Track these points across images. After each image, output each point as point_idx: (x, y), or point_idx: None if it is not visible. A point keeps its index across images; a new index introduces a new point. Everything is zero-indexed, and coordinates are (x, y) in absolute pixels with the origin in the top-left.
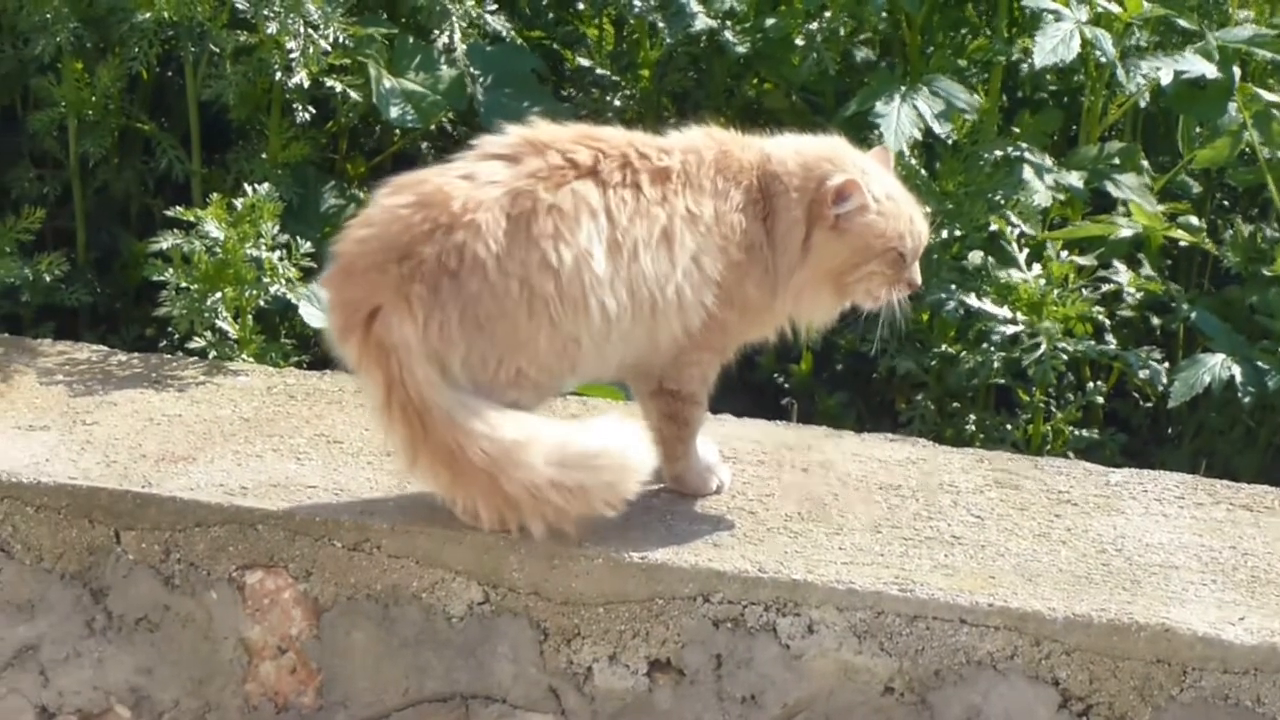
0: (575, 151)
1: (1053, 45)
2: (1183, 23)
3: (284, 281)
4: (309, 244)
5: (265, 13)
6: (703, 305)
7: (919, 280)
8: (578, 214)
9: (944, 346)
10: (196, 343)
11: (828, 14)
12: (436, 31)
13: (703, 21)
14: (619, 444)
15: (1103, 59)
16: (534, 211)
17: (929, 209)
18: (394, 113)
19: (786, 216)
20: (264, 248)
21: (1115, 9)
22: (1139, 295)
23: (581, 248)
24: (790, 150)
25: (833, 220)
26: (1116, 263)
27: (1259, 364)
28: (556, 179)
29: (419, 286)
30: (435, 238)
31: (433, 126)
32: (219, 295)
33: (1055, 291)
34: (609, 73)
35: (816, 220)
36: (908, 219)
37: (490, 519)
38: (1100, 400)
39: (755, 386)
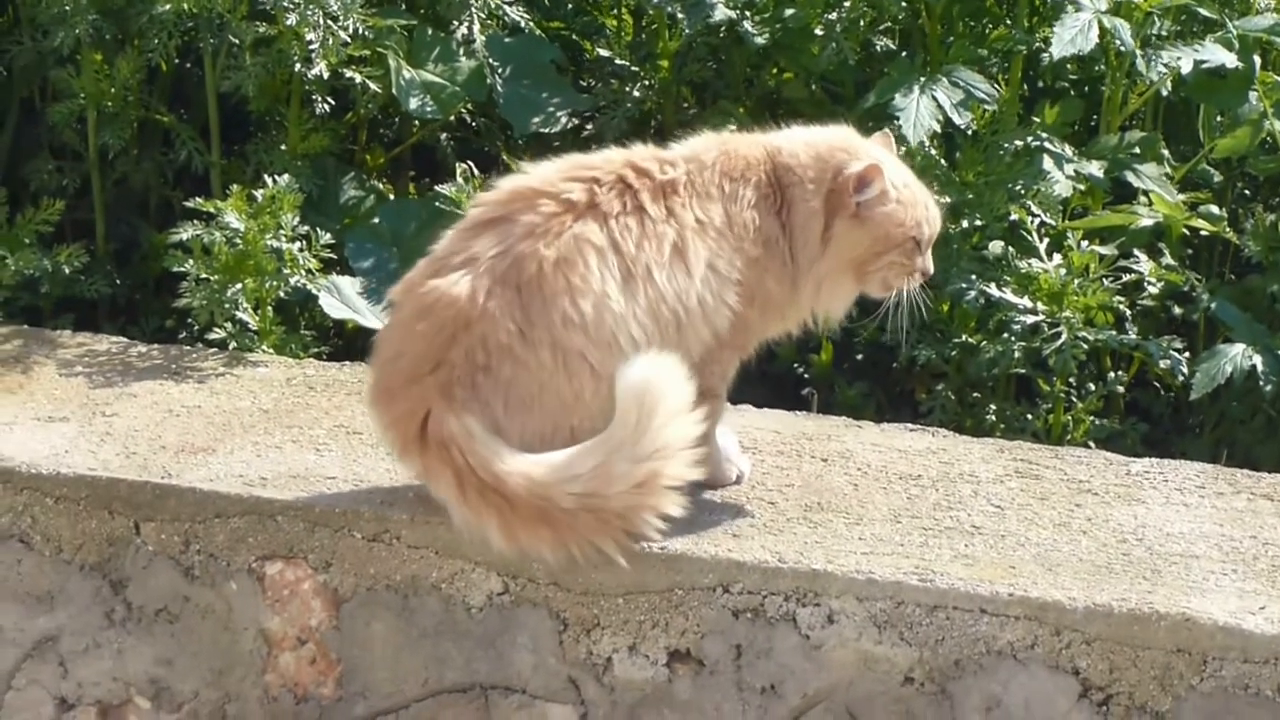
0: (569, 191)
1: (1071, 36)
2: (1203, 11)
3: (304, 273)
4: (329, 235)
5: (285, 4)
6: (727, 306)
7: (931, 268)
8: (585, 258)
9: (964, 336)
10: (216, 334)
11: (847, 4)
12: (455, 23)
13: (722, 12)
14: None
15: (1122, 48)
16: (541, 273)
17: (949, 199)
18: (413, 104)
19: (804, 208)
20: (284, 239)
21: None
22: (1160, 285)
23: (597, 292)
24: (800, 142)
25: (854, 209)
26: (1137, 252)
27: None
28: (555, 228)
29: (459, 390)
30: (458, 340)
31: (452, 117)
32: (239, 286)
33: (1076, 281)
34: (628, 63)
35: (837, 210)
36: (923, 206)
37: (618, 547)
38: (1121, 390)
39: (775, 377)
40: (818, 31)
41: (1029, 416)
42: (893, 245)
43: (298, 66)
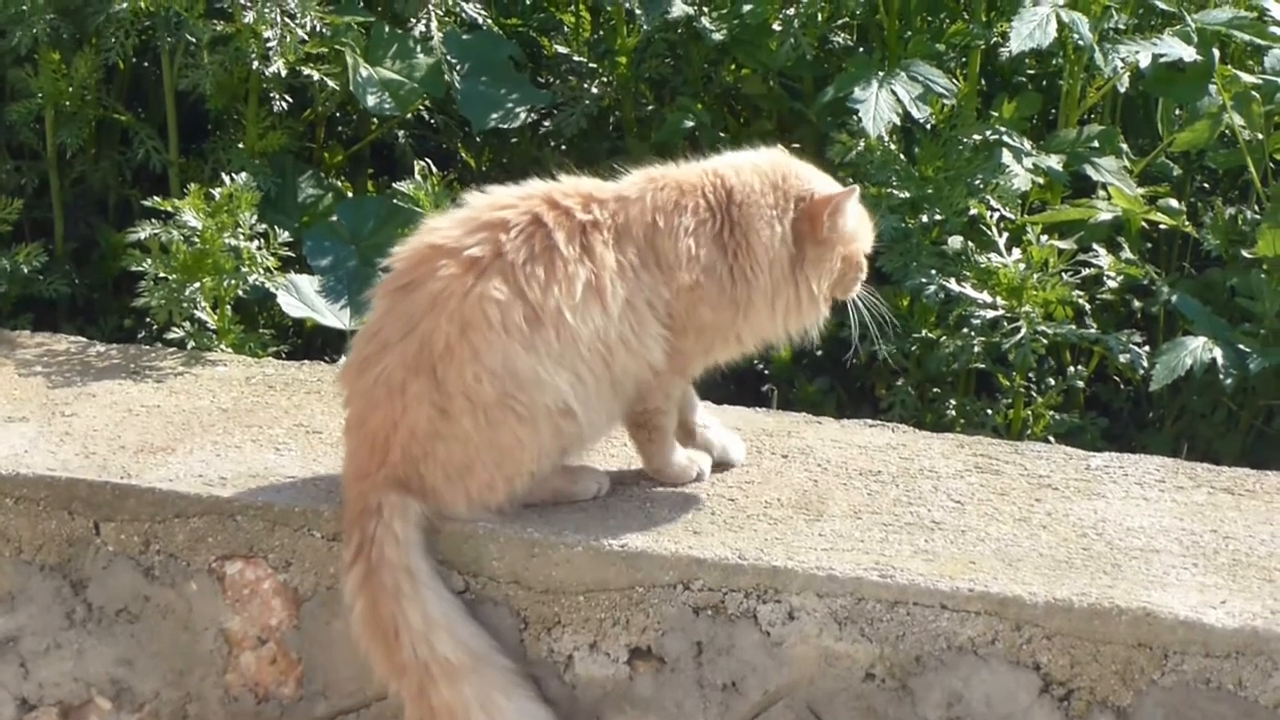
0: (472, 246)
1: (1029, 30)
2: (1161, 5)
3: (262, 271)
4: (287, 233)
5: (242, 2)
6: (653, 339)
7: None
8: (488, 316)
9: (924, 331)
10: (175, 333)
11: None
12: (413, 20)
13: (679, 8)
14: None
15: (1080, 43)
16: (448, 347)
17: (908, 194)
18: (371, 101)
19: (765, 234)
20: (242, 237)
21: None
22: (1119, 279)
23: (503, 344)
24: (744, 168)
25: (824, 234)
26: (1096, 246)
27: (1240, 347)
28: (457, 292)
29: (392, 492)
30: (391, 441)
31: (410, 114)
32: (197, 285)
33: (1035, 275)
34: (586, 60)
35: (806, 236)
36: (870, 223)
37: None
38: (1081, 384)
39: (735, 374)
40: (775, 27)
41: (989, 411)
42: (856, 261)
43: (255, 64)
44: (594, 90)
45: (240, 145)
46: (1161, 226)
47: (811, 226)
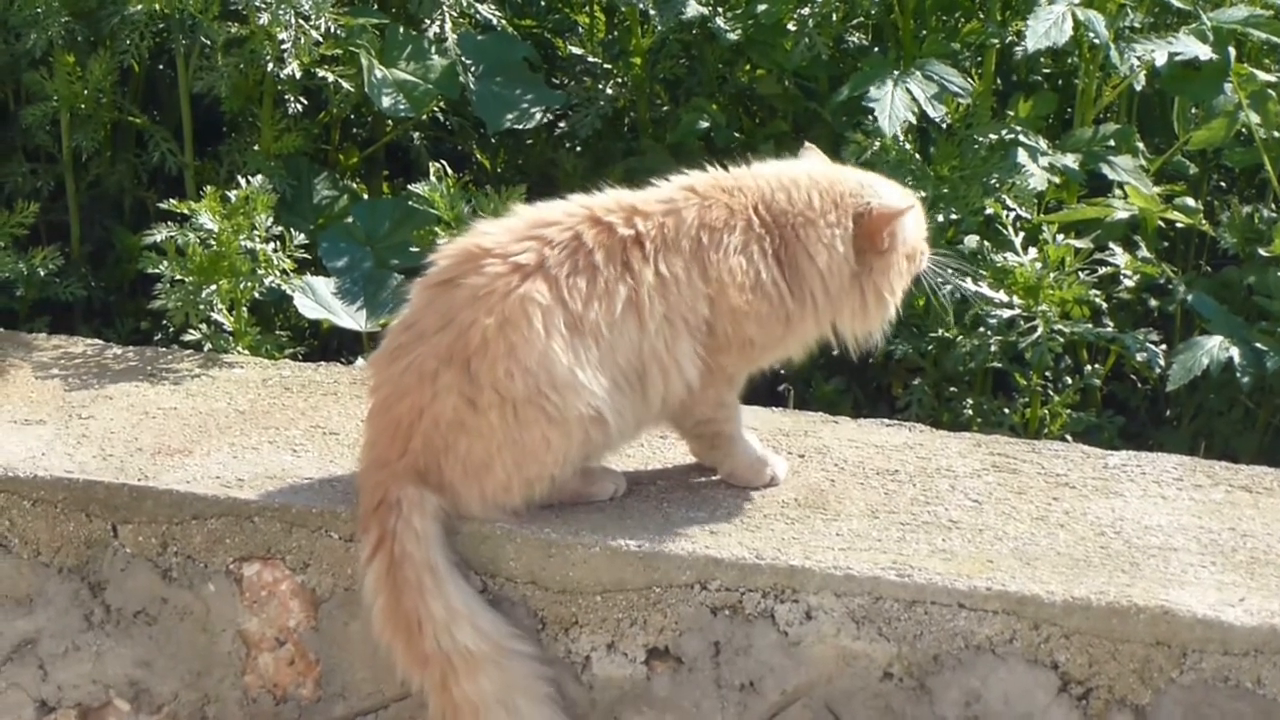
0: (518, 254)
1: (1045, 29)
2: (1177, 3)
3: (278, 273)
4: (303, 235)
5: (256, 4)
6: (691, 358)
7: None
8: (529, 316)
9: (940, 331)
10: (192, 335)
11: None
12: (427, 21)
13: (694, 8)
14: None
15: (1096, 41)
16: (484, 341)
17: (924, 193)
18: (386, 102)
19: (823, 259)
20: (258, 239)
21: None
22: (1136, 278)
23: (542, 344)
24: (789, 183)
25: (885, 248)
26: (1113, 245)
27: (1257, 345)
28: (500, 290)
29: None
30: (415, 429)
31: (425, 116)
32: (214, 287)
33: (1052, 275)
34: (601, 61)
35: (867, 250)
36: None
37: None
38: (1098, 383)
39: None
40: (790, 27)
41: (1006, 410)
42: (917, 257)
43: (270, 66)
44: (609, 91)
45: (256, 147)
46: (1178, 225)
47: (872, 242)
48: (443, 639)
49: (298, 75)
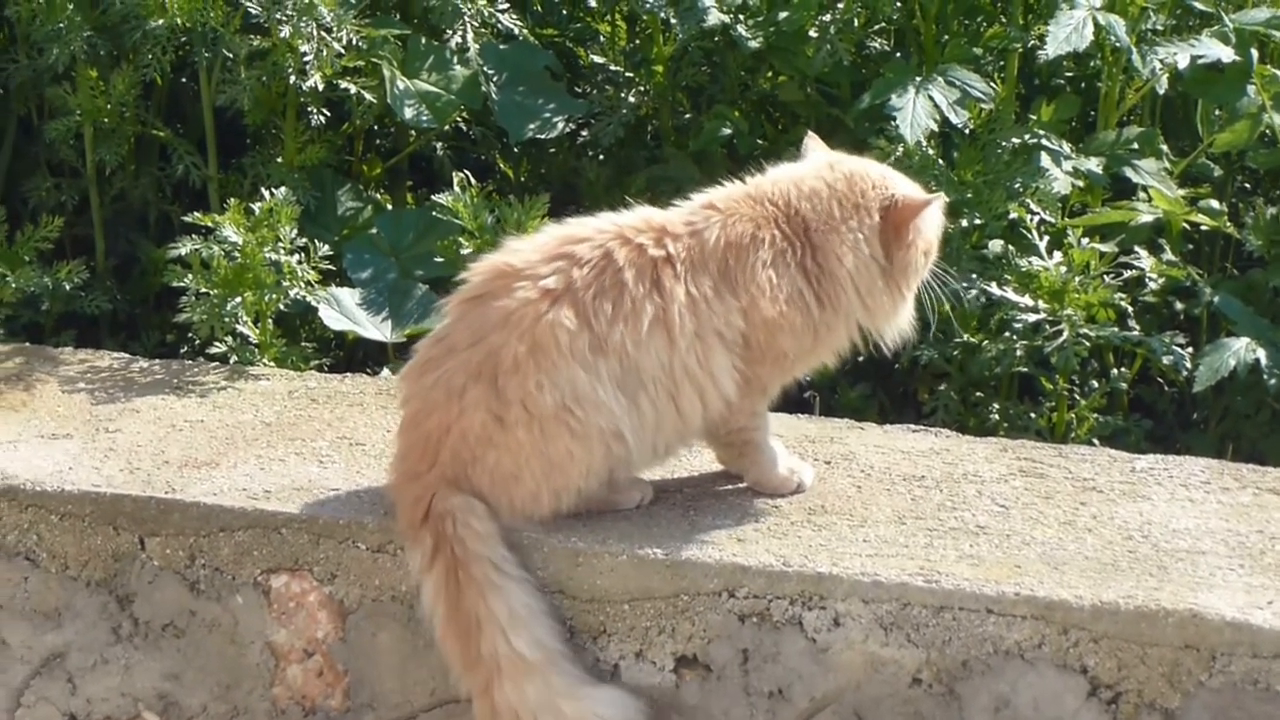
0: (546, 276)
1: (1066, 33)
2: (1199, 5)
3: (303, 285)
4: (327, 247)
5: (278, 16)
6: (727, 372)
7: None
8: (557, 341)
9: (966, 336)
10: (217, 348)
11: (840, 5)
12: (449, 31)
13: (715, 16)
14: None
15: (1118, 45)
16: (515, 363)
17: (948, 198)
18: (409, 113)
19: (850, 262)
20: (282, 251)
21: None
22: (1161, 280)
23: (567, 367)
24: (807, 189)
25: (910, 236)
26: (1138, 248)
27: None
28: (530, 315)
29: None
30: (444, 442)
31: (447, 126)
32: (239, 300)
33: (1077, 278)
34: (622, 69)
35: (892, 243)
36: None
37: None
38: (1124, 386)
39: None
40: (812, 34)
41: (1032, 415)
42: (932, 254)
43: (292, 78)
44: (631, 99)
45: (279, 159)
46: (1203, 228)
47: (897, 235)
48: (499, 643)
49: (320, 87)
